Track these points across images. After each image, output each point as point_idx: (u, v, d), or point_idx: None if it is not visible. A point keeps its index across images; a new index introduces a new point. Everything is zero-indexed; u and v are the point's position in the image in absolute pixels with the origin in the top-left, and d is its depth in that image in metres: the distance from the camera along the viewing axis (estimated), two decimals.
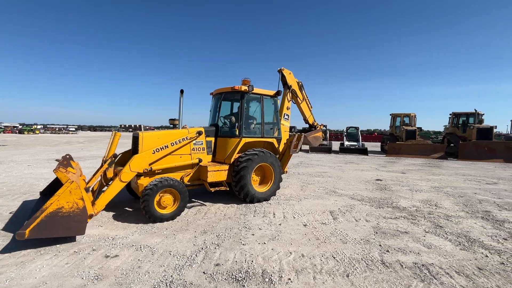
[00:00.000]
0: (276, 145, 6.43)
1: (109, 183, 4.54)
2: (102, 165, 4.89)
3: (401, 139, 18.09)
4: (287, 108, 7.52)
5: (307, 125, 8.43)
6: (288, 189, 7.28)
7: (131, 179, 5.29)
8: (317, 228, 4.38)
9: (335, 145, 22.34)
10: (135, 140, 5.01)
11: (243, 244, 3.71)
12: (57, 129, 65.88)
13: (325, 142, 19.33)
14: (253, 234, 4.07)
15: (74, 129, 73.18)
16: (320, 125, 8.57)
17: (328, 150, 18.31)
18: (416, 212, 5.30)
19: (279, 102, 7.42)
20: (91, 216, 4.14)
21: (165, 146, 5.04)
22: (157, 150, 4.94)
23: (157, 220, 4.50)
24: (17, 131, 47.68)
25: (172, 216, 4.64)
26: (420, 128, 22.76)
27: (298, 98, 7.76)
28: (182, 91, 5.61)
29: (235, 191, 5.68)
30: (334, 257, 3.37)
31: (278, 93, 6.45)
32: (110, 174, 4.93)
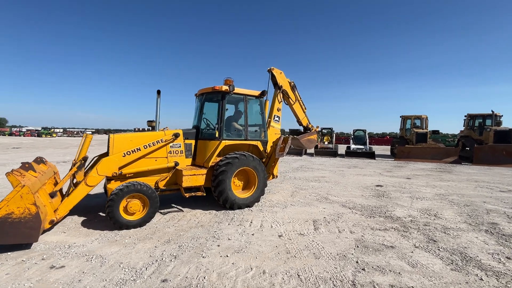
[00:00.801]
0: (261, 148, 6.07)
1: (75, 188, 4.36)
2: (71, 168, 4.72)
3: (411, 142, 17.17)
4: (278, 110, 7.17)
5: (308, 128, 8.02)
6: (278, 194, 6.88)
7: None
8: (292, 239, 3.98)
9: (343, 149, 21.59)
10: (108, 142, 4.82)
11: (203, 257, 3.38)
12: (74, 133, 68.41)
13: (330, 146, 18.72)
14: (218, 245, 3.73)
15: (90, 132, 75.71)
16: (315, 127, 8.15)
17: (333, 153, 17.67)
18: (410, 223, 4.77)
19: (268, 103, 7.10)
20: (52, 222, 3.98)
21: (137, 148, 4.81)
22: (128, 153, 4.72)
23: (123, 227, 4.25)
24: (36, 135, 49.79)
25: (140, 223, 4.38)
26: (438, 131, 21.65)
27: (290, 99, 7.39)
28: (159, 92, 5.40)
29: (215, 197, 5.37)
30: (298, 276, 2.97)
31: (263, 93, 6.11)
32: (80, 177, 4.74)
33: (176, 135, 5.24)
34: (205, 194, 5.22)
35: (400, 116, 19.41)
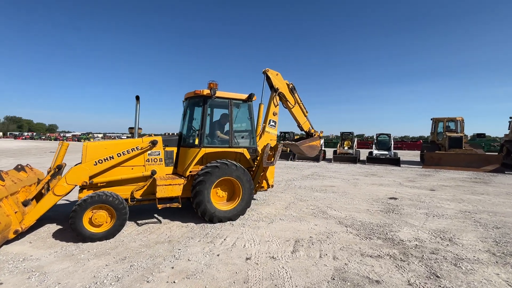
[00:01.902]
0: (248, 156, 5.59)
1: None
2: (46, 176, 4.68)
3: (443, 148, 15.35)
4: (274, 114, 6.68)
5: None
6: (271, 206, 6.32)
7: None
8: (260, 264, 3.44)
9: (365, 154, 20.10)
10: None
11: (147, 282, 3.00)
12: (112, 137, 73.62)
13: (350, 151, 17.49)
14: (172, 267, 3.33)
15: (125, 137, 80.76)
16: (318, 132, 7.48)
17: (353, 159, 16.44)
18: (413, 249, 3.94)
19: (262, 107, 6.65)
20: (16, 232, 3.91)
21: (110, 157, 4.64)
22: (100, 161, 4.56)
23: (86, 239, 4.05)
24: (76, 139, 54.35)
25: (106, 236, 4.15)
26: (484, 134, 19.38)
27: (288, 102, 6.86)
28: (137, 98, 5.21)
29: (194, 208, 5.01)
30: None
31: (250, 96, 5.65)
32: (53, 185, 4.69)
33: (153, 143, 4.99)
34: (180, 206, 4.87)
35: (431, 119, 17.52)
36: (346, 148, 18.37)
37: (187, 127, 5.67)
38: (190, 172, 5.10)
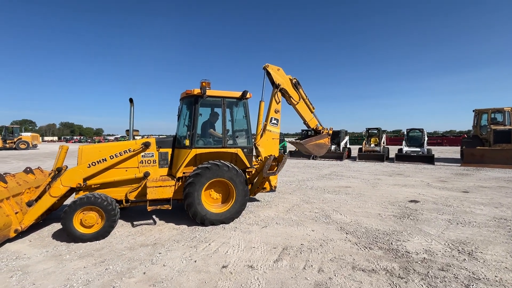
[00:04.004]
0: (243, 156, 5.35)
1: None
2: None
3: (487, 143, 13.48)
4: (276, 111, 6.38)
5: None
6: (273, 208, 6.00)
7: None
8: (234, 274, 3.20)
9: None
10: None
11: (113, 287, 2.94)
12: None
13: (377, 148, 16.25)
14: (144, 273, 3.24)
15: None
16: (327, 129, 6.98)
17: (380, 157, 15.24)
18: (418, 263, 3.37)
19: (263, 105, 6.38)
20: (16, 231, 4.15)
21: (103, 159, 4.74)
22: (93, 163, 4.68)
23: (77, 240, 4.17)
24: (116, 141, 59.00)
25: (96, 237, 4.24)
26: None
27: (292, 99, 6.49)
28: (131, 100, 5.28)
29: (186, 211, 4.92)
30: None
31: (244, 94, 5.39)
32: None
33: (146, 144, 5.00)
34: (170, 208, 4.81)
35: (473, 110, 15.49)
36: (372, 145, 17.11)
37: (181, 127, 5.62)
38: (184, 173, 5.04)
